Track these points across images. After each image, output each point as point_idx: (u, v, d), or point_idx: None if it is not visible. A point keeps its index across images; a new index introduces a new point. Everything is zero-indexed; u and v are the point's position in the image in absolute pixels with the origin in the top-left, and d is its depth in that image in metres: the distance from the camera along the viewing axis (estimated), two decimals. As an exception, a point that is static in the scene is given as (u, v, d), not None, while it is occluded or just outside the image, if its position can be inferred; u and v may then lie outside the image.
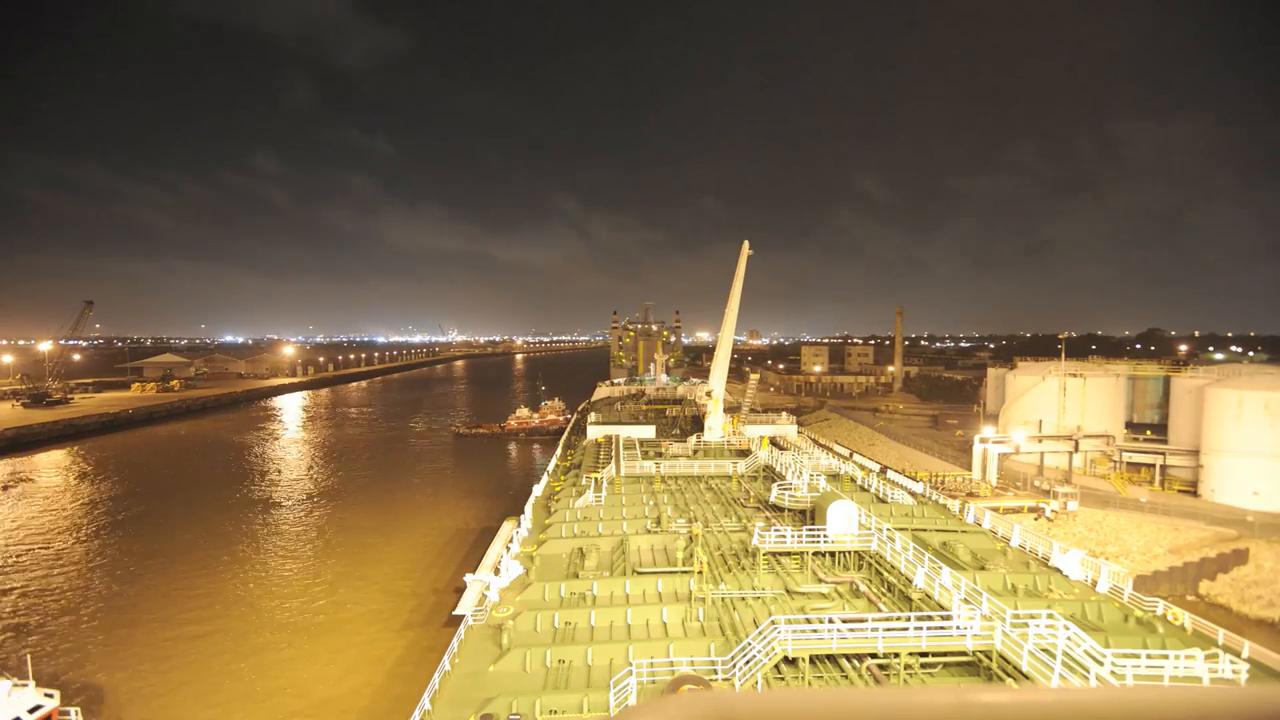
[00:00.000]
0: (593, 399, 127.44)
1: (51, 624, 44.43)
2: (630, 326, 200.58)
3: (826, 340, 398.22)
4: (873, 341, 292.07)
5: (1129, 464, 70.36)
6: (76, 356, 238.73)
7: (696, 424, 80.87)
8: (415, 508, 72.79)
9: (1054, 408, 74.88)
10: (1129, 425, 79.48)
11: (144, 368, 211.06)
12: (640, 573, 33.42)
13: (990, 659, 23.97)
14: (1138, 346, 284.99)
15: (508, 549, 38.35)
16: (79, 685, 36.34)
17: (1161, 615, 28.88)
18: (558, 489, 53.59)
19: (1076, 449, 70.09)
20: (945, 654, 24.46)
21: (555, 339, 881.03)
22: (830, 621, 25.15)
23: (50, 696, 29.43)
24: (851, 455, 69.57)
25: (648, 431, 74.72)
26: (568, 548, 37.70)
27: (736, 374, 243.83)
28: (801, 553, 34.34)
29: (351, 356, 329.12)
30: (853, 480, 52.03)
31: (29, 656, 33.50)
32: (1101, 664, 22.30)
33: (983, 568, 34.77)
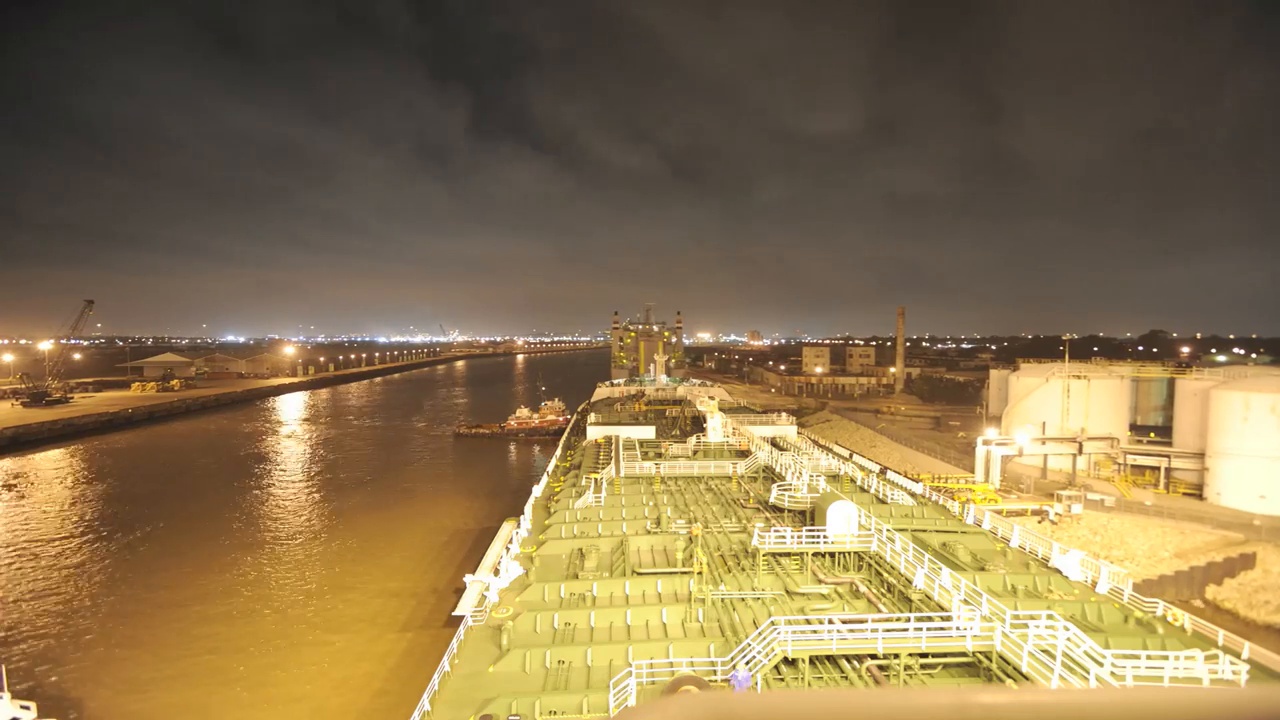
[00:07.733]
0: (593, 399, 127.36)
1: (31, 632, 42.51)
2: (631, 327, 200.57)
3: (828, 341, 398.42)
4: (874, 343, 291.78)
5: (1133, 466, 70.08)
6: (77, 356, 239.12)
7: (696, 424, 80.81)
8: (415, 508, 72.79)
9: (1057, 410, 74.60)
10: (1133, 427, 79.16)
11: (144, 367, 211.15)
12: (640, 574, 33.37)
13: (990, 660, 23.90)
14: (1140, 348, 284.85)
15: (507, 550, 38.29)
16: (58, 696, 34.63)
17: (1161, 616, 28.82)
18: (557, 489, 53.54)
19: (1080, 451, 69.94)
20: (945, 655, 24.40)
21: (556, 339, 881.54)
22: (830, 622, 25.11)
23: (27, 709, 28.60)
24: (851, 456, 69.43)
25: (647, 432, 74.67)
26: (567, 548, 37.63)
27: (737, 375, 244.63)
28: (801, 553, 34.28)
29: (353, 356, 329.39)
30: (852, 481, 51.90)
31: (3, 668, 32.12)
32: (1101, 665, 22.24)
33: (982, 568, 34.70)
